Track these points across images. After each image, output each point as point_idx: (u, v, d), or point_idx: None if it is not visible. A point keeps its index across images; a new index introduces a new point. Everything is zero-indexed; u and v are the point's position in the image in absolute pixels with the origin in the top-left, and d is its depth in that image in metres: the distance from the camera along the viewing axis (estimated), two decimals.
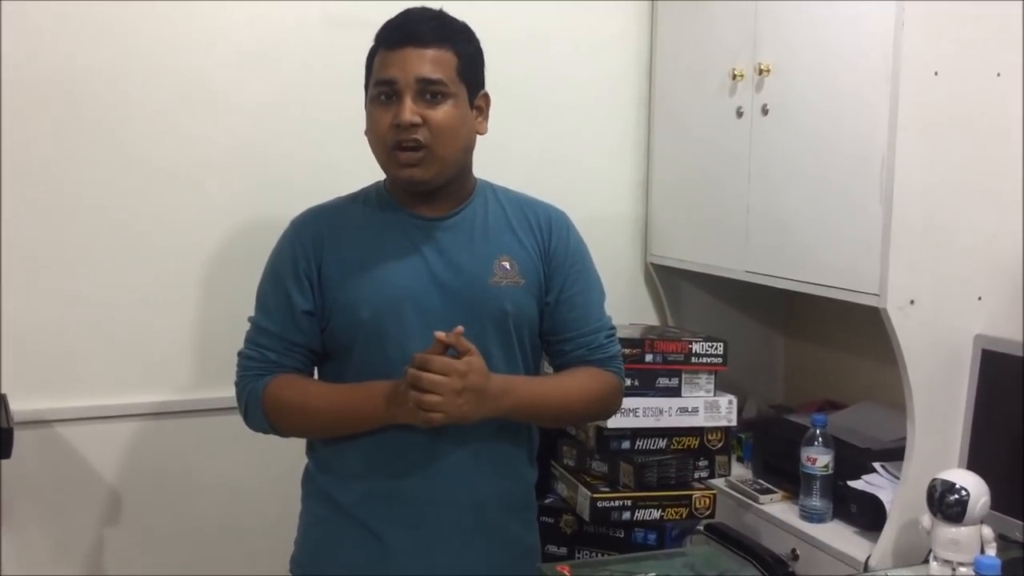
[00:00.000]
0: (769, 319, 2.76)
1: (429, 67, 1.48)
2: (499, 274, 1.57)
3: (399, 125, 1.48)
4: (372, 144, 1.55)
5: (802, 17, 2.07)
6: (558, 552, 2.12)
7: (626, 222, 2.66)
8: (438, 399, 1.40)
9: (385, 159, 1.53)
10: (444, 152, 1.51)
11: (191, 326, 2.23)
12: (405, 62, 1.48)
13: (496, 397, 1.47)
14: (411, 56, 1.48)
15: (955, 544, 1.68)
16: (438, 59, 1.49)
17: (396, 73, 1.48)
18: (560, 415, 1.69)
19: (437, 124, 1.49)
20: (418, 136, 1.48)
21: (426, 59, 1.49)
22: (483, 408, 1.46)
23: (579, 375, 1.62)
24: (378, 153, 1.54)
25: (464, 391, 1.42)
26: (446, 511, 1.56)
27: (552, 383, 1.63)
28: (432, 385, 1.40)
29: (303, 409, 1.55)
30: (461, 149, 1.55)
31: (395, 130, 1.49)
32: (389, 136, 1.50)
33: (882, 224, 1.85)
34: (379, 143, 1.52)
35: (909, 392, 1.89)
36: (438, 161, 1.51)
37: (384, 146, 1.51)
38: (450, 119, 1.50)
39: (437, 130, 1.49)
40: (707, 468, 2.18)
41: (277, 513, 1.82)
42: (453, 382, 1.40)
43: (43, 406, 2.10)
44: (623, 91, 2.61)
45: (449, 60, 1.51)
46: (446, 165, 1.53)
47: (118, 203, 2.14)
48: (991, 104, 1.88)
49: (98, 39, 2.09)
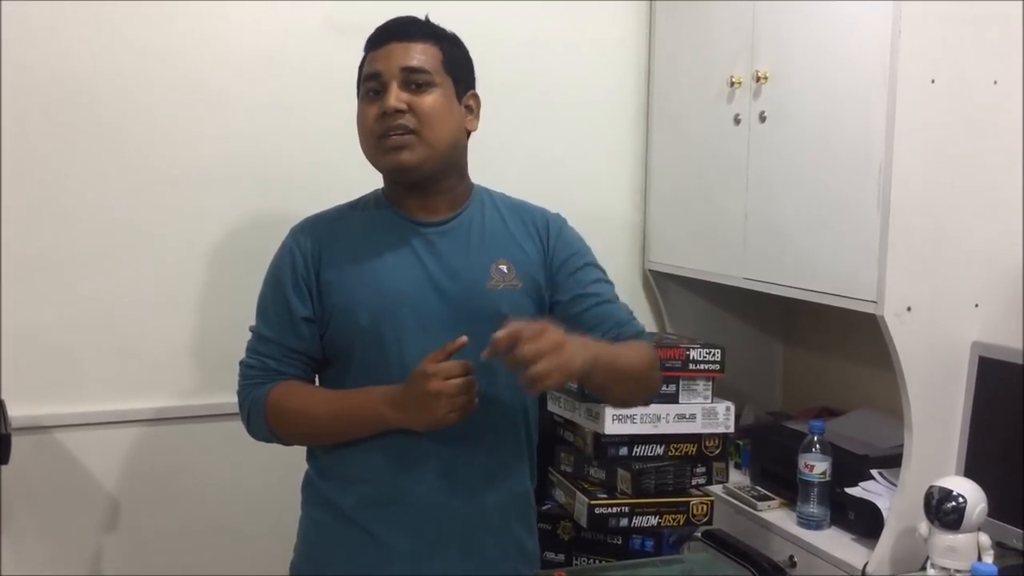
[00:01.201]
0: (767, 326, 2.76)
1: (413, 57, 1.50)
2: (496, 278, 1.57)
3: (385, 113, 1.48)
4: (361, 139, 1.55)
5: (800, 24, 2.08)
6: (556, 558, 2.12)
7: (624, 228, 2.66)
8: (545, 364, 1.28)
9: (373, 149, 1.53)
10: (432, 137, 1.50)
11: (191, 332, 2.23)
12: (389, 55, 1.50)
13: (580, 344, 1.37)
14: (396, 49, 1.50)
15: (952, 551, 1.68)
16: (423, 51, 1.51)
17: (380, 66, 1.50)
18: (631, 375, 1.54)
19: (423, 110, 1.49)
20: (404, 122, 1.48)
21: (411, 51, 1.50)
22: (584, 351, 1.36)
23: (629, 343, 1.56)
24: (366, 146, 1.54)
25: (561, 344, 1.31)
26: (446, 516, 1.56)
27: (613, 345, 1.53)
28: (533, 355, 1.28)
29: (304, 416, 1.55)
30: (449, 138, 1.54)
31: (382, 119, 1.49)
32: (376, 126, 1.50)
33: (879, 231, 1.86)
34: (367, 135, 1.53)
35: (906, 399, 1.89)
36: (426, 146, 1.50)
37: (372, 137, 1.51)
38: (437, 106, 1.50)
39: (424, 115, 1.49)
40: (705, 475, 2.18)
41: (277, 519, 1.82)
42: (546, 340, 1.30)
43: (42, 412, 2.11)
44: (621, 97, 2.62)
45: (434, 53, 1.52)
46: (435, 152, 1.51)
47: (118, 207, 2.15)
48: (988, 111, 1.89)
49: (98, 42, 2.10)
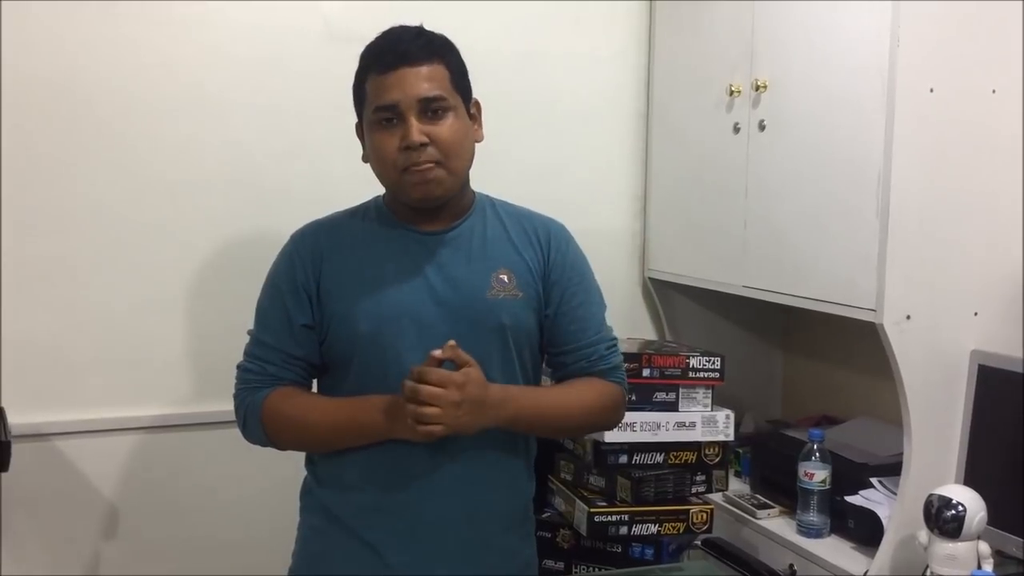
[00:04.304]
0: (767, 334, 2.76)
1: (427, 85, 1.49)
2: (497, 287, 1.57)
3: (408, 147, 1.48)
4: (380, 170, 1.55)
5: (799, 34, 2.08)
6: (555, 567, 2.12)
7: (624, 236, 2.67)
8: (436, 411, 1.40)
9: (396, 182, 1.53)
10: (455, 165, 1.53)
11: (190, 339, 2.23)
12: (403, 84, 1.49)
13: (495, 407, 1.48)
14: (407, 76, 1.49)
15: (952, 560, 1.68)
16: (433, 75, 1.51)
17: (397, 96, 1.49)
18: (561, 425, 1.69)
19: (444, 139, 1.50)
20: (428, 157, 1.49)
21: (422, 77, 1.49)
22: (482, 418, 1.46)
23: (579, 385, 1.62)
24: (387, 177, 1.54)
25: (462, 402, 1.42)
26: (444, 524, 1.55)
27: (552, 393, 1.64)
28: (430, 397, 1.40)
29: (301, 422, 1.56)
30: (469, 160, 1.57)
31: (404, 153, 1.49)
32: (399, 159, 1.50)
33: (878, 240, 1.86)
34: (388, 168, 1.52)
35: (906, 407, 1.89)
36: (451, 175, 1.53)
37: (394, 170, 1.51)
38: (455, 132, 1.52)
39: (446, 146, 1.50)
40: (704, 483, 2.18)
41: (275, 526, 1.82)
42: (451, 394, 1.41)
43: (41, 419, 2.10)
44: (621, 106, 2.63)
45: (443, 74, 1.52)
46: (458, 178, 1.55)
47: (117, 214, 2.15)
48: (986, 120, 1.89)
49: (97, 48, 2.11)
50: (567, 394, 1.62)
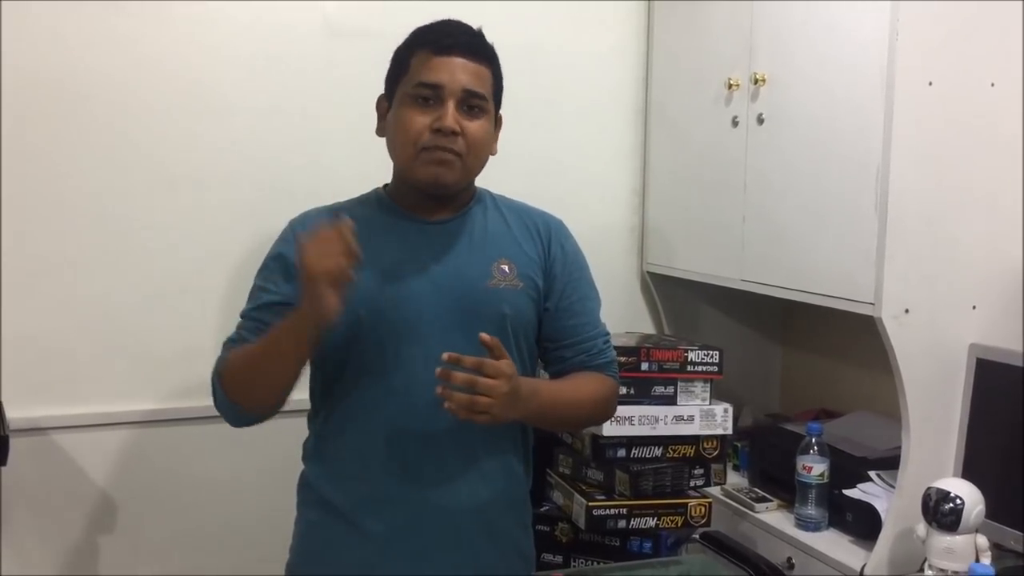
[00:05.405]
0: (765, 328, 2.76)
1: (475, 80, 1.52)
2: (497, 276, 1.58)
3: (440, 130, 1.49)
4: (399, 141, 1.54)
5: (797, 28, 2.08)
6: (554, 560, 2.12)
7: (623, 230, 2.67)
8: (491, 401, 1.38)
9: (411, 157, 1.52)
10: (472, 163, 1.55)
11: (188, 334, 2.22)
12: (454, 70, 1.50)
13: (526, 399, 1.46)
14: (460, 65, 1.51)
15: (950, 553, 1.68)
16: (481, 74, 1.53)
17: (444, 78, 1.50)
18: (570, 417, 1.69)
19: (472, 136, 1.52)
20: (455, 145, 1.50)
21: (471, 71, 1.52)
22: (515, 411, 1.45)
23: (587, 379, 1.63)
24: (403, 151, 1.54)
25: (509, 393, 1.40)
26: (442, 515, 1.55)
27: (568, 386, 1.63)
28: (487, 388, 1.37)
29: (241, 361, 1.50)
30: (483, 164, 1.59)
31: (433, 134, 1.50)
32: (424, 138, 1.50)
33: (877, 233, 1.86)
34: (408, 143, 1.52)
35: (904, 401, 1.89)
36: (465, 170, 1.54)
37: (414, 146, 1.51)
38: (483, 133, 1.54)
39: (472, 143, 1.52)
40: (703, 476, 2.19)
41: (273, 519, 1.81)
42: (503, 385, 1.39)
43: (39, 413, 2.10)
44: (620, 101, 2.62)
45: (488, 78, 1.55)
46: (468, 177, 1.58)
47: (116, 210, 2.15)
48: (985, 114, 1.89)
49: (97, 45, 2.10)
50: (578, 388, 1.62)
